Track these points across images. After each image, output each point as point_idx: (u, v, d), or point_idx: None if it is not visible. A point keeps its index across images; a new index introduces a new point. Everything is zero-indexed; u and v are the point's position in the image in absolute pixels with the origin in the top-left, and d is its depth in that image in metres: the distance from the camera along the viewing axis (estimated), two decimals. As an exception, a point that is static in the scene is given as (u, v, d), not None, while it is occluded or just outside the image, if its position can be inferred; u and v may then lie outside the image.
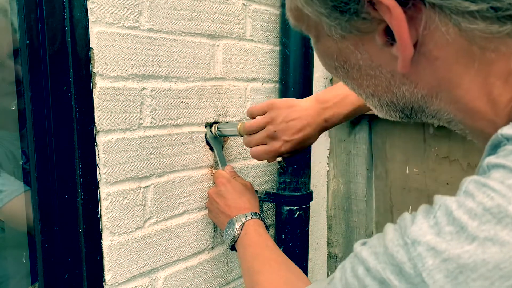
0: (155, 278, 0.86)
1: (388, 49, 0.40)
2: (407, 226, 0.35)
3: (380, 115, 0.49)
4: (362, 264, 0.37)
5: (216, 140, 0.95)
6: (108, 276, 0.77)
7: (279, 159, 0.82)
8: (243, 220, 0.83)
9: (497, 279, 0.30)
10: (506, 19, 0.35)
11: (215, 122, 0.94)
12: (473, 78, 0.39)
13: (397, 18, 0.36)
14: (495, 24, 0.35)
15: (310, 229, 1.11)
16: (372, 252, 0.36)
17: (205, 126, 0.94)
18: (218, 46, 0.95)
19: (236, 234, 0.82)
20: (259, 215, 0.86)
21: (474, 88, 0.39)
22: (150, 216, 0.84)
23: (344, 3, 0.38)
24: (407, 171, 1.23)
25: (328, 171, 1.40)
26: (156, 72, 0.82)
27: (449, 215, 0.33)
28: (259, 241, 0.80)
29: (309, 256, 1.14)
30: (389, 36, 0.39)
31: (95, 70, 0.73)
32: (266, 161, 0.85)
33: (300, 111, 0.80)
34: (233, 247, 0.84)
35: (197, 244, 0.94)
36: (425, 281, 0.32)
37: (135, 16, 0.78)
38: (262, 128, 0.82)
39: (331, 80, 1.32)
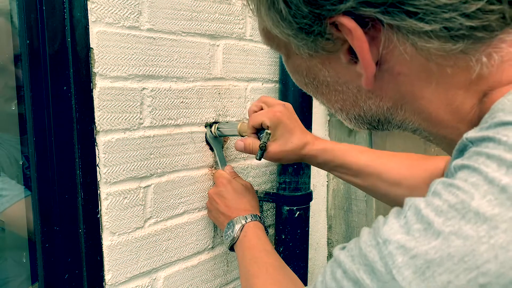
0: (155, 278, 0.86)
1: (353, 66, 0.42)
2: (379, 227, 0.36)
3: (351, 127, 0.51)
4: (340, 267, 0.38)
5: (216, 140, 0.95)
6: (108, 276, 0.77)
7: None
8: (243, 222, 0.83)
9: (462, 271, 0.31)
10: (458, 38, 0.37)
11: (215, 122, 0.94)
12: (435, 90, 0.41)
13: (358, 39, 0.38)
14: (449, 43, 0.37)
15: (310, 229, 1.11)
16: (349, 255, 0.38)
17: (205, 126, 0.94)
18: (218, 46, 0.95)
19: (235, 235, 0.82)
20: (259, 217, 0.86)
21: (436, 99, 0.41)
22: (150, 216, 0.84)
23: (309, 25, 0.40)
24: (407, 171, 1.23)
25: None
26: (156, 72, 0.82)
27: (418, 213, 0.34)
28: (257, 244, 0.80)
29: (309, 256, 1.14)
30: (353, 54, 0.41)
31: (95, 70, 0.73)
32: (262, 161, 0.86)
33: (296, 142, 0.82)
34: (232, 248, 0.84)
35: (197, 244, 0.94)
36: (395, 278, 0.33)
37: (135, 16, 0.78)
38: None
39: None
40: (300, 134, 0.81)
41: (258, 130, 0.83)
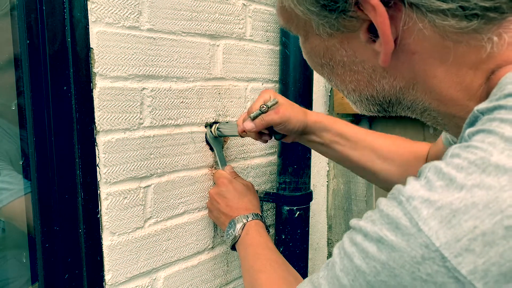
0: (155, 278, 0.86)
1: (370, 45, 0.44)
2: (400, 189, 0.38)
3: (360, 110, 0.53)
4: (359, 233, 0.39)
5: (216, 140, 0.95)
6: (108, 276, 0.77)
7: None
8: (244, 221, 0.83)
9: (487, 216, 0.32)
10: (472, 17, 0.40)
11: (215, 122, 0.94)
12: (447, 69, 0.44)
13: (381, 16, 0.41)
14: (464, 21, 0.40)
15: (310, 229, 1.11)
16: (369, 220, 0.39)
17: (205, 126, 0.94)
18: (218, 46, 0.95)
19: (237, 234, 0.82)
20: (260, 216, 0.86)
21: (448, 78, 0.44)
22: (150, 216, 0.84)
23: (334, 2, 0.43)
24: (407, 171, 1.23)
25: (328, 171, 1.40)
26: (156, 72, 0.82)
27: (439, 172, 0.36)
28: (260, 241, 0.80)
29: (309, 256, 1.14)
30: (372, 33, 0.44)
31: (95, 70, 0.73)
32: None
33: (299, 107, 0.84)
34: (233, 247, 0.84)
35: (197, 244, 0.94)
36: (421, 229, 0.34)
37: (135, 16, 0.78)
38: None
39: (331, 80, 1.32)
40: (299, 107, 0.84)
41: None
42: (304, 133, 0.83)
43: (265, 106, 0.79)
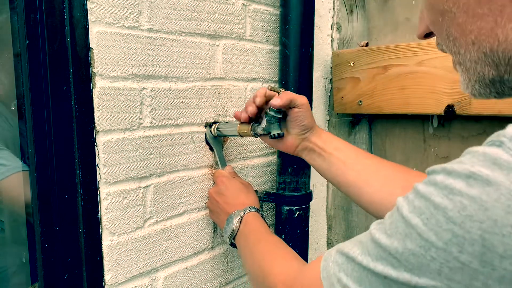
0: (155, 278, 0.86)
1: None
2: (499, 133, 0.38)
3: (471, 84, 0.48)
4: (440, 173, 0.40)
5: (216, 140, 0.95)
6: (108, 276, 0.77)
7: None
8: (242, 214, 0.83)
9: None
10: None
11: (215, 122, 0.94)
12: None
13: None
14: None
15: (310, 229, 1.11)
16: (454, 162, 0.39)
17: (205, 126, 0.94)
18: (218, 46, 0.95)
19: (235, 227, 0.82)
20: (258, 209, 0.86)
21: None
22: (150, 216, 0.84)
23: None
24: (407, 171, 1.23)
25: (328, 171, 1.40)
26: (155, 72, 0.82)
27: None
28: (260, 228, 0.80)
29: (309, 256, 1.14)
30: None
31: (94, 70, 0.73)
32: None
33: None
34: (232, 245, 0.84)
35: (197, 244, 0.94)
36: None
37: (135, 16, 0.78)
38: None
39: (330, 80, 1.32)
40: None
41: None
42: (307, 136, 0.83)
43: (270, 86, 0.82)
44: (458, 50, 0.48)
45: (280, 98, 0.79)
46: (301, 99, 0.82)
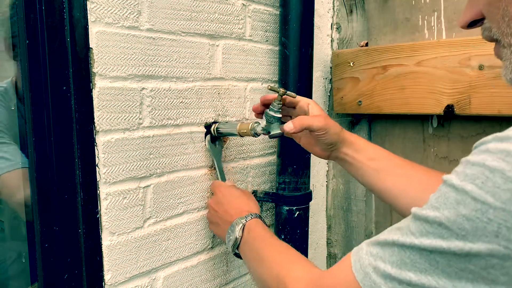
0: (154, 278, 0.86)
1: None
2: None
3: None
4: (492, 141, 0.40)
5: (216, 151, 0.95)
6: (107, 276, 0.77)
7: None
8: (243, 221, 0.80)
9: None
10: None
11: (215, 122, 0.94)
12: None
13: None
14: None
15: (309, 229, 1.11)
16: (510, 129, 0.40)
17: (205, 127, 0.93)
18: (217, 46, 0.95)
19: (237, 236, 0.79)
20: (259, 216, 0.84)
21: None
22: (150, 216, 0.84)
23: None
24: (407, 171, 1.23)
25: (327, 171, 1.40)
26: (155, 72, 0.82)
27: None
28: (266, 234, 0.77)
29: (309, 256, 1.14)
30: None
31: (94, 70, 0.73)
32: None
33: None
34: (237, 255, 0.81)
35: (196, 244, 0.94)
36: None
37: (134, 16, 0.78)
38: None
39: (330, 80, 1.32)
40: None
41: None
42: (336, 148, 0.83)
43: (282, 90, 0.80)
44: (511, 31, 0.48)
45: (294, 125, 0.77)
46: (317, 122, 0.78)
